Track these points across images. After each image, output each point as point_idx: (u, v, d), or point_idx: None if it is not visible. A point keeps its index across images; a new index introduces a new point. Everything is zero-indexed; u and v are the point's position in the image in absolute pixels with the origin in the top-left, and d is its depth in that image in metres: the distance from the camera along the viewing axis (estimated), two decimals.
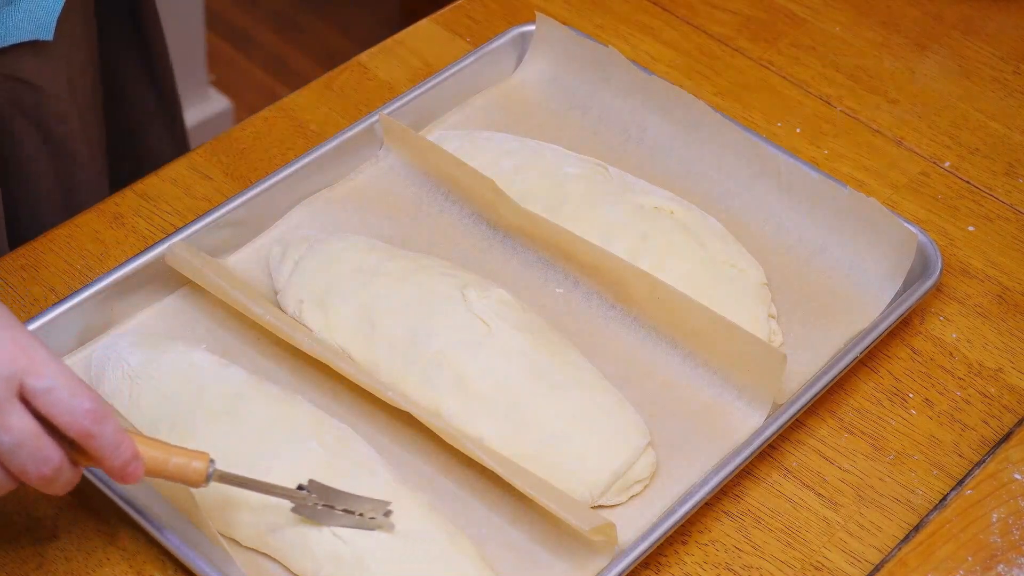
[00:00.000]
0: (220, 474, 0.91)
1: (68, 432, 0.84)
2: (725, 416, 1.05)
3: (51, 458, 0.84)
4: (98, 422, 0.84)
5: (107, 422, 0.85)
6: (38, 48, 1.17)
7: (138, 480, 0.87)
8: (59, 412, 0.84)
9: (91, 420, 0.84)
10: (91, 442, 0.85)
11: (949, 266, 1.17)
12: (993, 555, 0.97)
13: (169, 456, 0.89)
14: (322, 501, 0.93)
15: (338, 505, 0.94)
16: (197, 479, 0.89)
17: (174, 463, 0.89)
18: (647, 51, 1.34)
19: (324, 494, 0.93)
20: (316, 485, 0.93)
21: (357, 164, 1.20)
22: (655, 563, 0.98)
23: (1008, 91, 1.32)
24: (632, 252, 1.11)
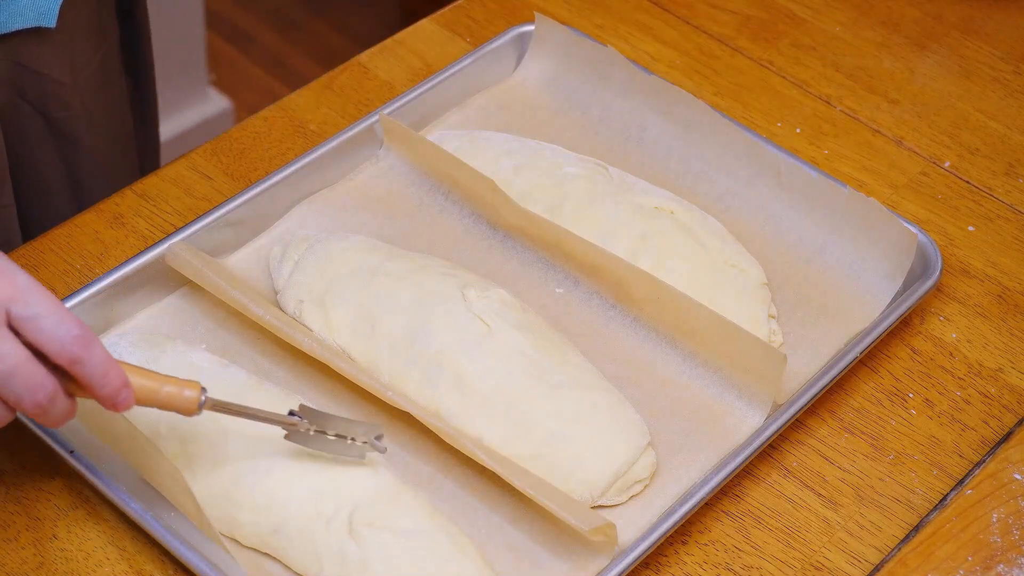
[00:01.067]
0: (212, 402, 0.91)
1: (57, 359, 0.84)
2: (725, 416, 1.05)
3: (45, 384, 0.84)
4: (86, 347, 0.85)
5: (94, 347, 0.85)
6: (41, 35, 1.17)
7: (129, 407, 0.87)
8: (47, 339, 0.84)
9: (79, 345, 0.84)
10: (79, 368, 0.85)
11: (949, 266, 1.17)
12: (993, 555, 0.97)
13: (161, 385, 0.89)
14: (314, 426, 0.94)
15: (330, 430, 0.94)
16: (189, 407, 0.90)
17: (166, 391, 0.89)
18: (647, 51, 1.34)
19: (315, 419, 0.94)
20: (307, 410, 0.94)
21: (357, 164, 1.20)
22: (655, 563, 0.98)
23: (1008, 91, 1.32)
24: (632, 252, 1.11)
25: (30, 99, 1.21)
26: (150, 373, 0.90)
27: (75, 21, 1.20)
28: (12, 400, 0.85)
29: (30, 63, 1.18)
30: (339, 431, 0.95)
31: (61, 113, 1.23)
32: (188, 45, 2.31)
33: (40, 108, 1.22)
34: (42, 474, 1.00)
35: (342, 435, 0.95)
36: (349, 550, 0.93)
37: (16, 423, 1.01)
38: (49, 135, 1.24)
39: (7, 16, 1.13)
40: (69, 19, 1.19)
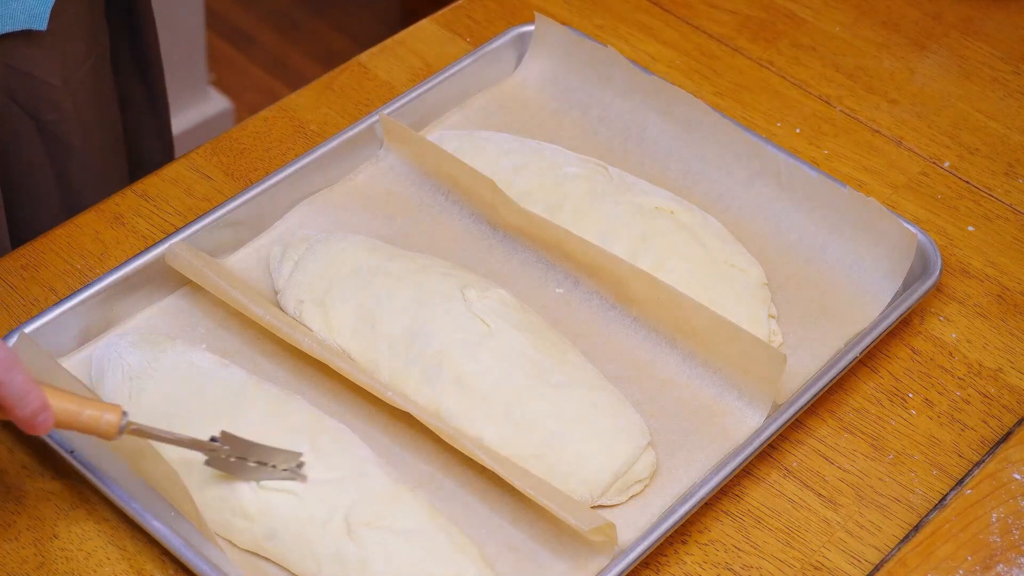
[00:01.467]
0: (134, 426, 0.90)
1: None
2: (725, 416, 1.05)
3: None
4: (6, 371, 0.85)
5: (14, 371, 0.85)
6: (32, 37, 1.17)
7: (48, 430, 0.87)
8: None
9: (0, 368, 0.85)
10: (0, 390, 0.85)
11: (949, 266, 1.17)
12: (993, 555, 0.97)
13: (82, 408, 0.89)
14: (235, 453, 0.94)
15: (251, 457, 0.94)
16: (109, 431, 0.89)
17: (87, 415, 0.89)
18: (647, 51, 1.34)
19: (236, 446, 0.93)
20: (228, 436, 0.93)
21: (357, 164, 1.20)
22: (655, 563, 0.98)
23: (1008, 91, 1.32)
24: (632, 252, 1.11)
25: (20, 101, 1.21)
26: (73, 397, 0.89)
27: (66, 24, 1.20)
28: None
29: (21, 65, 1.19)
30: (260, 458, 0.95)
31: (52, 115, 1.23)
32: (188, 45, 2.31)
33: (31, 111, 1.22)
34: (42, 474, 1.01)
35: (263, 462, 0.95)
36: (348, 551, 0.93)
37: None
38: (39, 138, 1.24)
39: None
40: (60, 22, 1.19)
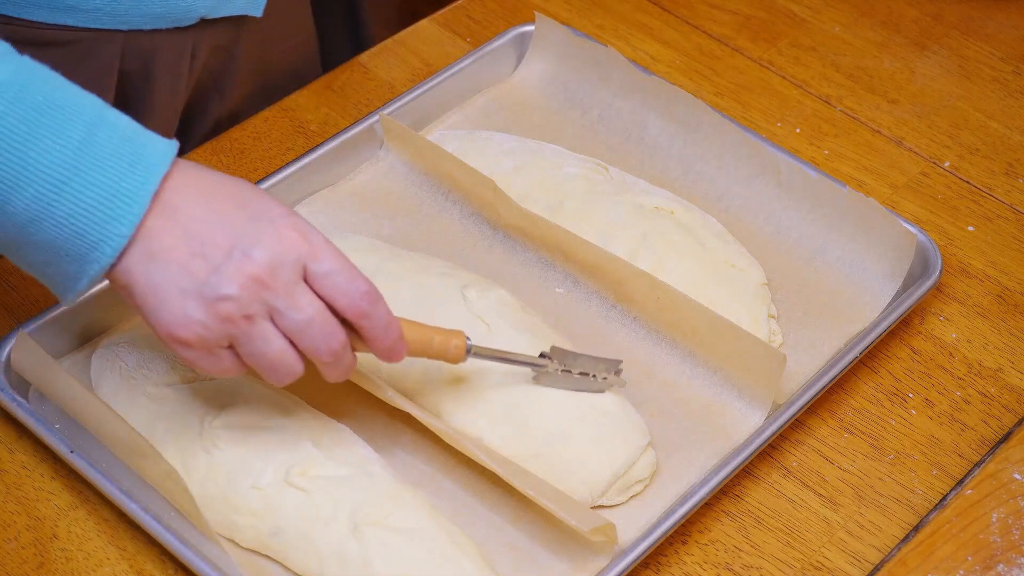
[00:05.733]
0: (476, 349, 0.98)
1: (347, 312, 0.89)
2: (725, 416, 1.05)
3: (338, 333, 0.89)
4: (373, 303, 0.89)
5: (380, 304, 0.90)
6: (244, 22, 1.22)
7: (401, 359, 0.93)
8: (340, 294, 0.88)
9: (368, 301, 0.89)
10: (366, 322, 0.90)
11: (949, 266, 1.17)
12: (993, 555, 0.97)
13: (432, 336, 0.95)
14: (562, 366, 1.00)
15: (575, 369, 1.00)
16: (458, 355, 0.96)
17: (438, 341, 0.96)
18: (647, 51, 1.34)
19: (563, 359, 1.00)
20: (557, 351, 1.00)
21: (357, 164, 1.20)
22: (655, 563, 0.98)
23: (1008, 91, 1.32)
24: (632, 252, 1.11)
25: (215, 78, 1.26)
26: (421, 326, 0.95)
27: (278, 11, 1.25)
28: (309, 348, 0.89)
29: (227, 45, 1.24)
30: (583, 369, 1.01)
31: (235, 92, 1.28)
32: None
33: (221, 88, 1.27)
34: (42, 474, 1.00)
35: (585, 372, 1.01)
36: (350, 549, 0.93)
37: (16, 423, 1.01)
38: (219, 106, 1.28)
39: (216, 1, 1.17)
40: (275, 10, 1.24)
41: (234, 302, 0.86)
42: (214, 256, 0.86)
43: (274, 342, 0.88)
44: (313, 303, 0.88)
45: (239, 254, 0.86)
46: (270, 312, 0.87)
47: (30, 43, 1.12)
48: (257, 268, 0.86)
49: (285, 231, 0.87)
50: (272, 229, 0.87)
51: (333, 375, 0.91)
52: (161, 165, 0.86)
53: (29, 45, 1.12)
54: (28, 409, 1.00)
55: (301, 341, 0.88)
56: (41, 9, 1.11)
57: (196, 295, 0.86)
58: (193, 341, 0.87)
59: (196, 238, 0.86)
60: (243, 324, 0.87)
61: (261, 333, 0.87)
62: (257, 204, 0.88)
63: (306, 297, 0.87)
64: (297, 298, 0.87)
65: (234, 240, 0.86)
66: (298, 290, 0.87)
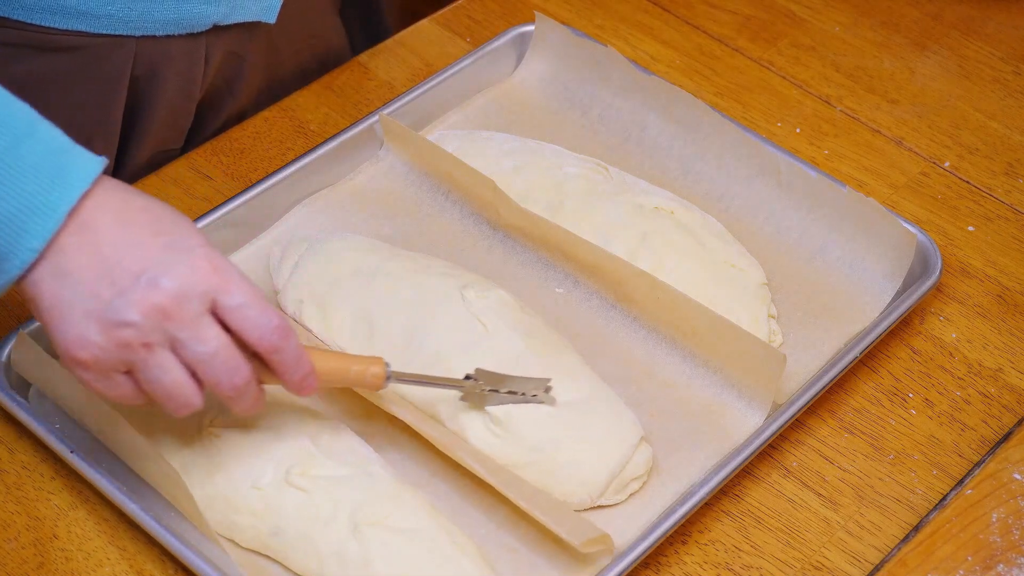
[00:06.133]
0: (396, 375, 0.97)
1: (257, 346, 0.89)
2: (725, 416, 1.05)
3: (242, 368, 0.89)
4: (284, 337, 0.89)
5: (291, 338, 0.90)
6: (257, 28, 1.23)
7: (313, 393, 0.92)
8: (250, 327, 0.88)
9: (279, 336, 0.89)
10: (276, 356, 0.89)
11: (949, 266, 1.17)
12: (993, 555, 0.97)
13: (349, 366, 0.95)
14: (488, 387, 0.99)
15: (502, 388, 0.99)
16: (377, 383, 0.96)
17: (354, 371, 0.95)
18: (647, 51, 1.34)
19: (490, 380, 0.99)
20: (483, 373, 0.99)
21: (357, 164, 1.20)
22: (655, 563, 0.98)
23: (1008, 91, 1.32)
24: (632, 252, 1.11)
25: (228, 82, 1.26)
26: (338, 355, 0.95)
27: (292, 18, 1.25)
28: (211, 382, 0.88)
29: (240, 51, 1.24)
30: (511, 388, 1.00)
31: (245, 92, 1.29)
32: None
33: (234, 91, 1.27)
34: (42, 474, 1.00)
35: (513, 391, 1.00)
36: (350, 549, 0.93)
37: (16, 423, 1.01)
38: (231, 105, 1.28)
39: (230, 7, 1.17)
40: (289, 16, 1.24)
41: (134, 329, 0.85)
42: (122, 280, 0.85)
43: (171, 372, 0.87)
44: (218, 337, 0.87)
45: (146, 281, 0.85)
46: (172, 342, 0.86)
47: (42, 48, 1.12)
48: (163, 297, 0.85)
49: (198, 262, 0.86)
50: (185, 259, 0.86)
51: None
52: (82, 182, 0.86)
53: (41, 51, 1.12)
54: (28, 409, 1.00)
55: (203, 374, 0.88)
56: (53, 15, 1.11)
57: (98, 318, 0.85)
58: (89, 362, 0.87)
59: (107, 260, 0.86)
60: (141, 351, 0.86)
61: (159, 362, 0.87)
62: (175, 233, 0.88)
63: (211, 330, 0.87)
64: (201, 330, 0.86)
65: (144, 266, 0.85)
66: (203, 322, 0.86)
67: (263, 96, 1.30)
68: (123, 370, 0.88)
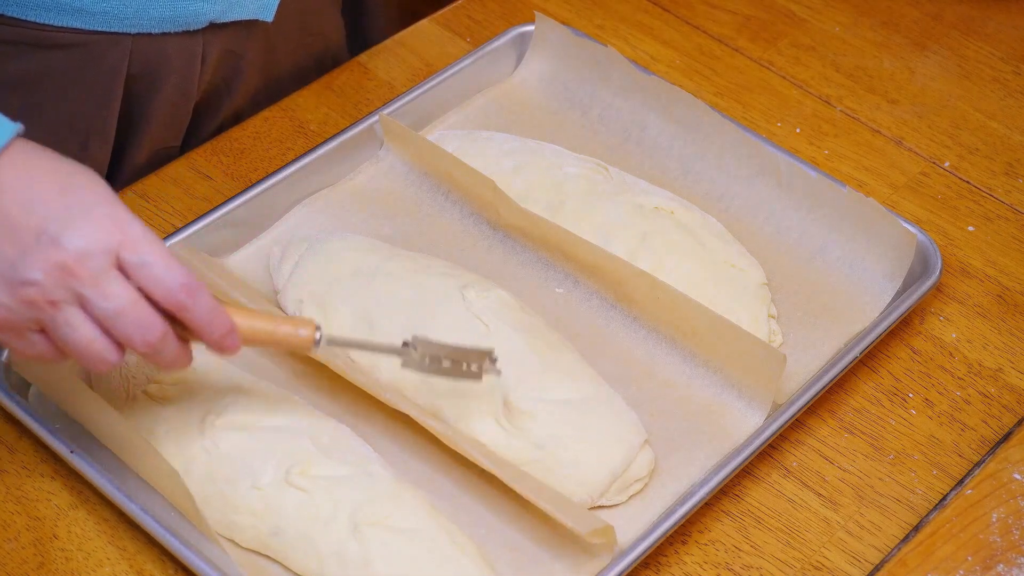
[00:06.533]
0: (329, 338, 0.94)
1: (164, 304, 0.87)
2: (725, 416, 1.05)
3: (154, 324, 0.87)
4: (191, 295, 0.87)
5: (200, 295, 0.88)
6: (254, 26, 1.23)
7: (236, 351, 0.90)
8: (154, 286, 0.87)
9: (185, 293, 0.87)
10: (186, 314, 0.88)
11: (949, 266, 1.17)
12: (993, 555, 0.97)
13: (277, 326, 0.92)
14: (428, 354, 0.96)
15: (444, 358, 0.97)
16: (305, 345, 0.93)
17: (283, 331, 0.92)
18: (647, 51, 1.34)
19: (428, 348, 0.96)
20: (419, 340, 0.96)
21: (357, 164, 1.20)
22: (655, 563, 0.98)
23: (1008, 91, 1.32)
24: (632, 252, 1.11)
25: (226, 79, 1.26)
26: (264, 315, 0.93)
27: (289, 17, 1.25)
28: (123, 338, 0.87)
29: (237, 49, 1.24)
30: (453, 358, 0.97)
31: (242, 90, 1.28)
32: None
33: (232, 89, 1.27)
34: (42, 474, 1.00)
35: (457, 361, 0.97)
36: (350, 549, 0.93)
37: (16, 423, 1.01)
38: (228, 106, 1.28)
39: (227, 5, 1.17)
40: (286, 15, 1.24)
41: (37, 287, 0.85)
42: (24, 239, 0.85)
43: (80, 329, 0.86)
44: (124, 293, 0.86)
45: (47, 240, 0.85)
46: (79, 300, 0.86)
47: (38, 46, 1.12)
48: (64, 255, 0.85)
49: (100, 220, 0.86)
50: (86, 217, 0.86)
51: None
52: None
53: (37, 48, 1.12)
54: (28, 409, 1.00)
55: (114, 330, 0.87)
56: (49, 12, 1.11)
57: (2, 277, 0.85)
58: None
59: (10, 219, 0.85)
60: (48, 309, 0.86)
61: (67, 320, 0.86)
62: (81, 191, 0.87)
63: (116, 287, 0.86)
64: (106, 287, 0.85)
65: (46, 224, 0.85)
66: (107, 279, 0.85)
67: (261, 95, 1.30)
68: (35, 328, 0.87)
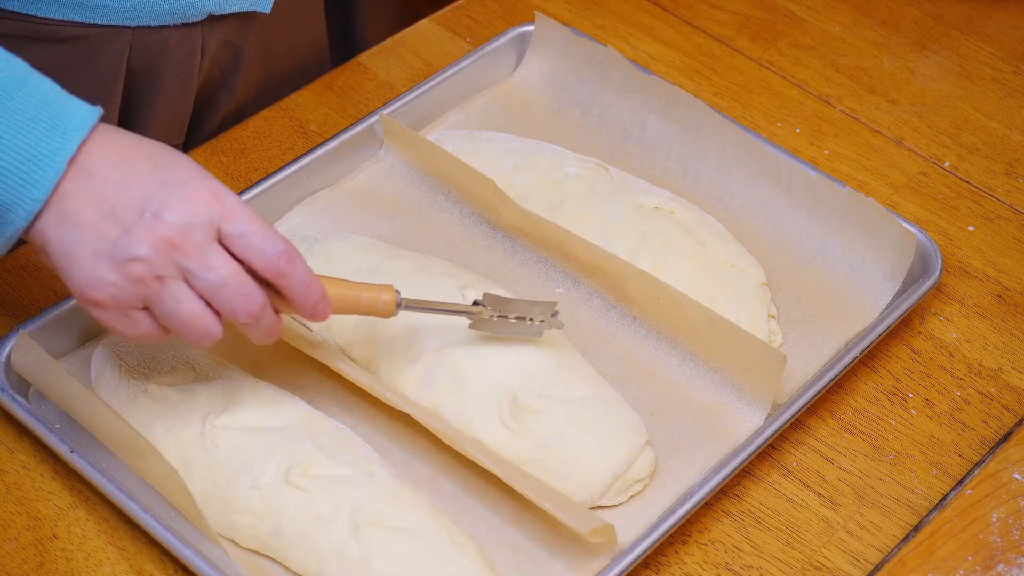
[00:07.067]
0: (407, 302, 0.98)
1: (264, 272, 0.89)
2: (725, 416, 1.05)
3: (255, 294, 0.89)
4: (290, 262, 0.89)
5: (298, 262, 0.90)
6: (252, 17, 1.23)
7: (327, 317, 0.93)
8: (255, 254, 0.88)
9: (284, 260, 0.89)
10: (284, 281, 0.89)
11: (949, 266, 1.17)
12: (993, 555, 0.97)
13: (360, 292, 0.96)
14: (496, 312, 1.00)
15: (511, 314, 1.01)
16: (388, 309, 0.96)
17: (366, 297, 0.96)
18: (647, 51, 1.34)
19: (497, 305, 1.00)
20: (490, 298, 1.00)
21: (357, 164, 1.20)
22: (655, 563, 0.98)
23: (1008, 91, 1.32)
24: (632, 252, 1.11)
25: (224, 71, 1.26)
26: (347, 283, 0.95)
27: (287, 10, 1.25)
28: (226, 310, 0.89)
29: (236, 41, 1.24)
30: (519, 313, 1.01)
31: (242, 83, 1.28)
32: None
33: (231, 81, 1.27)
34: (42, 474, 1.00)
35: (521, 317, 1.00)
36: (350, 549, 0.93)
37: (16, 423, 1.01)
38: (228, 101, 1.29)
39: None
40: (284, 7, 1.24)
41: (144, 263, 0.86)
42: (126, 218, 0.86)
43: (186, 303, 0.88)
44: (227, 264, 0.87)
45: (150, 216, 0.86)
46: (183, 273, 0.87)
47: (38, 40, 1.12)
48: (168, 230, 0.86)
49: (198, 193, 0.87)
50: (185, 191, 0.87)
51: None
52: (79, 131, 0.87)
53: (37, 41, 1.12)
54: (28, 409, 1.00)
55: (216, 302, 0.88)
56: (49, 5, 1.11)
57: (107, 256, 0.86)
58: (106, 302, 0.88)
59: (108, 200, 0.87)
60: (154, 285, 0.87)
61: (173, 294, 0.87)
62: (173, 166, 0.88)
63: (219, 258, 0.87)
64: (209, 259, 0.87)
65: (146, 202, 0.86)
66: (210, 251, 0.87)
67: (261, 92, 1.30)
68: (140, 307, 0.88)
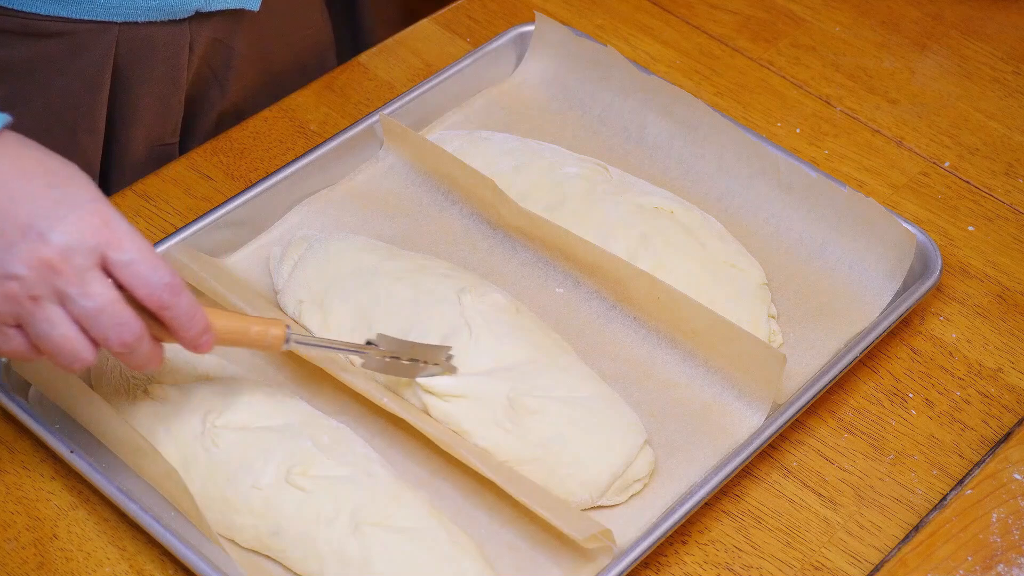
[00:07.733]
0: (297, 338, 0.97)
1: (146, 303, 0.88)
2: (725, 416, 1.05)
3: (131, 324, 0.88)
4: (175, 294, 0.88)
5: (183, 295, 0.89)
6: (242, 15, 1.23)
7: (208, 350, 0.92)
8: (139, 284, 0.87)
9: (168, 292, 0.88)
10: (167, 313, 0.89)
11: (949, 266, 1.17)
12: (993, 555, 0.97)
13: (248, 326, 0.95)
14: (389, 354, 0.99)
15: (404, 356, 0.99)
16: (275, 344, 0.96)
17: (254, 331, 0.95)
18: (647, 51, 1.34)
19: (390, 346, 0.99)
20: (383, 338, 1.00)
21: (357, 164, 1.20)
22: (655, 563, 0.98)
23: (1008, 91, 1.32)
24: (632, 252, 1.11)
25: (215, 70, 1.26)
26: (237, 315, 0.95)
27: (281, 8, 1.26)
28: (100, 337, 0.88)
29: (226, 39, 1.24)
30: (412, 356, 1.00)
31: (236, 84, 1.28)
32: None
33: (221, 79, 1.27)
34: (42, 474, 1.01)
35: (415, 359, 0.99)
36: (350, 549, 0.93)
37: (16, 423, 1.01)
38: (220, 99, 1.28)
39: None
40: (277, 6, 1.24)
41: (19, 282, 0.85)
42: (11, 233, 0.85)
43: (59, 327, 0.87)
44: (105, 292, 0.86)
45: (35, 235, 0.85)
46: (60, 297, 0.86)
47: (24, 34, 1.12)
48: (50, 251, 0.85)
49: (88, 217, 0.86)
50: (75, 214, 0.86)
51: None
52: None
53: (24, 36, 1.12)
54: (28, 409, 1.00)
55: (91, 329, 0.87)
56: (36, 1, 1.11)
57: None
58: None
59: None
60: (28, 305, 0.86)
61: (47, 316, 0.86)
62: (70, 187, 0.87)
63: (98, 285, 0.86)
64: (88, 286, 0.86)
65: (33, 220, 0.85)
66: (90, 277, 0.86)
67: (257, 90, 1.30)
68: (12, 324, 0.87)
